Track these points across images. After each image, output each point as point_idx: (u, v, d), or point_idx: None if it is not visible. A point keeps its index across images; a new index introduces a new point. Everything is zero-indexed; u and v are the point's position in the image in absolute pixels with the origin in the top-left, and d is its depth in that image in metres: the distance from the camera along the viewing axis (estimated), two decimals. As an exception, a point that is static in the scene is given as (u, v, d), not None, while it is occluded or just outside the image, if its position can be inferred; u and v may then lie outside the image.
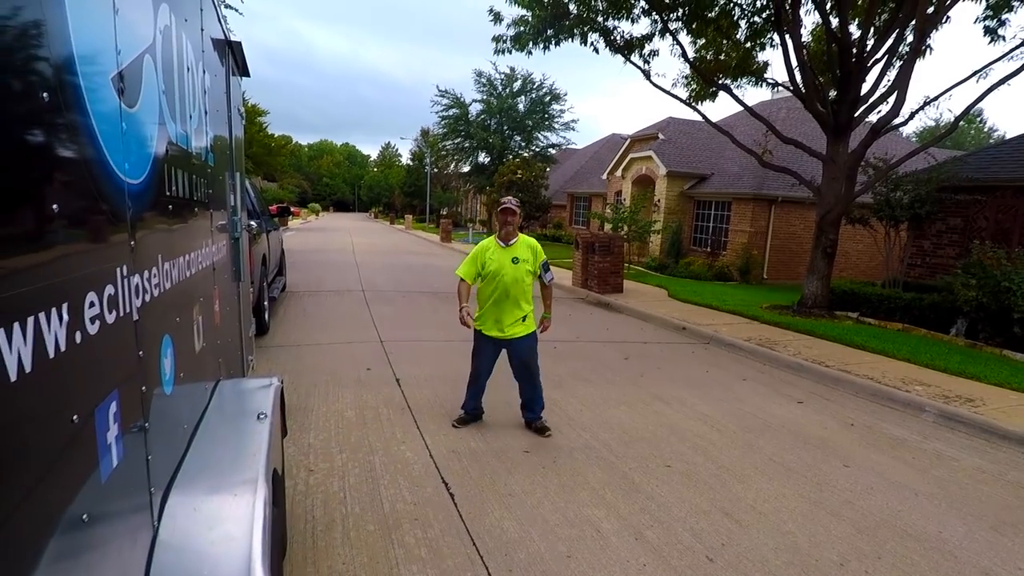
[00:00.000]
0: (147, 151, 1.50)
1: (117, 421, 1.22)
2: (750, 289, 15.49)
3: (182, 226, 1.94)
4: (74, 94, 1.03)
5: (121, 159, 1.25)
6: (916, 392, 6.33)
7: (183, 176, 1.95)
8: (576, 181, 32.77)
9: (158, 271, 1.60)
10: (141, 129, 1.43)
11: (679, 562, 3.13)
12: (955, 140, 43.02)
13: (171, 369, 1.72)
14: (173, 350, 1.74)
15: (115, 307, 1.21)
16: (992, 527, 3.72)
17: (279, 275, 10.80)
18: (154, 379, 1.55)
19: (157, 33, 1.58)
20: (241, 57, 3.44)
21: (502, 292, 4.63)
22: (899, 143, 20.16)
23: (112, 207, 1.22)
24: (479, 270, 4.67)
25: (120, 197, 1.26)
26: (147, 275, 1.48)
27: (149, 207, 1.55)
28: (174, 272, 1.78)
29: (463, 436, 4.67)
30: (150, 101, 1.51)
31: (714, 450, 4.70)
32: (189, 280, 2.01)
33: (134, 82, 1.37)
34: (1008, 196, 11.36)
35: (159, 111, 1.60)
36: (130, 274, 1.32)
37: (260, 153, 33.59)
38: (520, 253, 4.65)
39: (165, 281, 1.67)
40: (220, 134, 2.87)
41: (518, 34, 12.08)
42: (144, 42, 1.47)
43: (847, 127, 10.93)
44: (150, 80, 1.51)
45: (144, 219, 1.49)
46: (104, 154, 1.16)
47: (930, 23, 9.96)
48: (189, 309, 2.03)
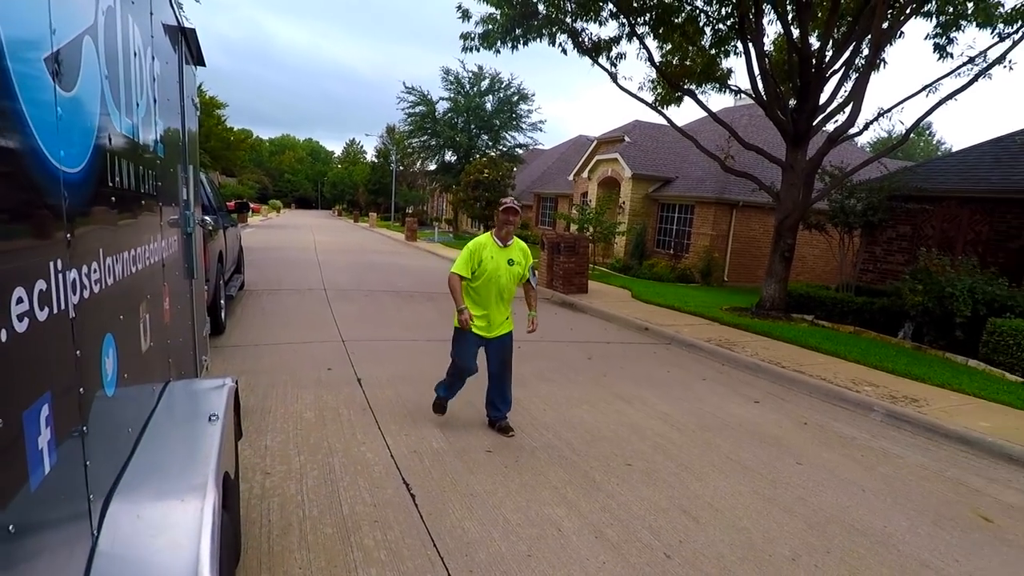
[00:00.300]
0: (87, 139, 1.42)
1: (50, 425, 1.15)
2: (711, 291, 15.79)
3: (127, 219, 1.86)
4: (0, 75, 0.96)
5: (55, 147, 1.18)
6: (866, 392, 6.54)
7: (129, 167, 1.86)
8: (543, 182, 32.87)
9: (99, 266, 1.52)
10: (79, 115, 1.36)
11: (638, 559, 3.15)
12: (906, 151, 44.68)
13: (114, 370, 1.63)
14: (116, 350, 1.66)
15: (48, 304, 1.14)
16: (932, 521, 3.86)
17: (237, 273, 10.52)
18: (94, 380, 1.47)
19: (99, 14, 1.50)
20: (195, 45, 3.32)
21: (496, 293, 4.57)
22: (854, 152, 20.86)
23: (44, 197, 1.15)
24: (475, 267, 4.54)
25: (54, 187, 1.19)
26: (86, 270, 1.40)
27: (89, 198, 1.47)
28: (118, 267, 1.70)
29: (425, 436, 4.62)
30: (90, 86, 1.43)
31: (674, 449, 4.76)
32: (135, 276, 1.93)
33: (71, 65, 1.29)
34: (952, 206, 11.86)
35: (101, 97, 1.52)
36: (66, 269, 1.25)
37: (218, 147, 32.63)
38: (515, 256, 4.62)
39: (107, 277, 1.59)
40: (172, 125, 2.76)
41: (486, 32, 12.04)
42: (83, 23, 1.39)
43: (806, 135, 11.24)
44: (90, 64, 1.43)
45: (83, 211, 1.41)
46: (35, 140, 1.09)
47: (884, 37, 10.32)
48: (135, 307, 1.94)
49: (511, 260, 4.59)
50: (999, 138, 12.94)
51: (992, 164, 12.12)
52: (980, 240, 11.43)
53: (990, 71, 10.22)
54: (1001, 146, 12.53)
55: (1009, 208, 10.99)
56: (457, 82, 33.64)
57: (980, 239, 11.43)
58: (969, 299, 8.86)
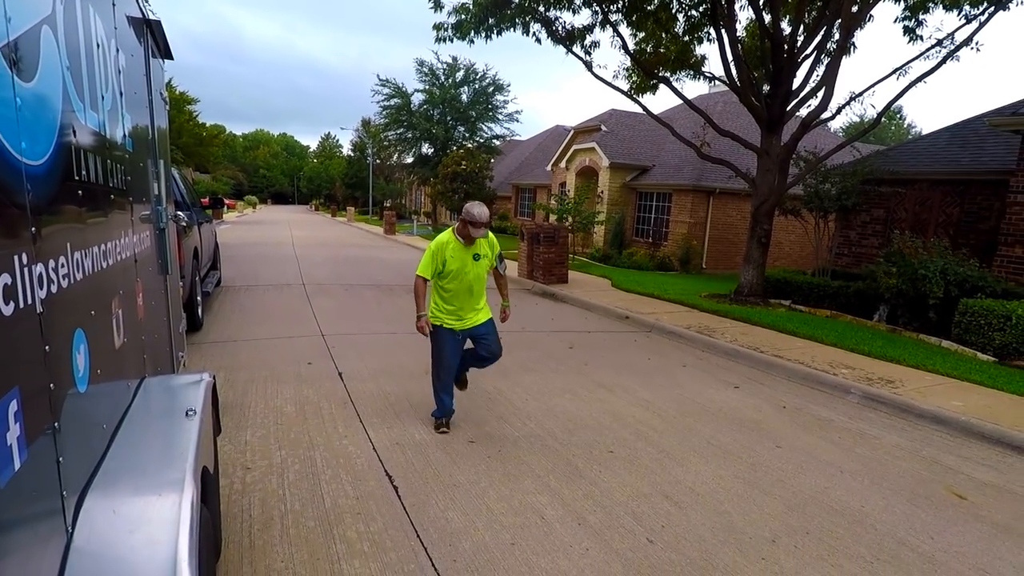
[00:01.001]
0: (50, 131, 1.39)
1: (19, 421, 1.13)
2: (690, 278, 15.94)
3: (96, 214, 1.82)
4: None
5: (16, 138, 1.15)
6: (842, 375, 6.67)
7: (96, 160, 1.83)
8: (521, 172, 32.84)
9: (67, 261, 1.49)
10: (41, 107, 1.33)
11: (621, 545, 3.19)
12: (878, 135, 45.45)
13: (86, 365, 1.61)
14: (87, 345, 1.63)
15: (13, 298, 1.12)
16: (908, 500, 3.96)
17: (213, 269, 10.38)
18: (65, 376, 1.45)
19: (57, 4, 1.46)
20: (162, 37, 3.26)
21: (466, 289, 4.48)
22: (828, 138, 21.14)
23: (4, 189, 1.12)
24: (439, 267, 4.42)
25: (16, 178, 1.16)
26: (53, 265, 1.38)
27: (55, 192, 1.44)
28: (87, 262, 1.67)
29: (407, 428, 4.62)
30: (51, 77, 1.40)
31: (655, 435, 4.81)
32: (105, 272, 1.89)
33: (30, 54, 1.26)
34: (924, 189, 12.09)
35: (63, 89, 1.48)
36: (32, 263, 1.22)
37: (191, 143, 32.00)
38: (481, 250, 4.51)
39: (76, 272, 1.56)
40: (140, 119, 2.71)
41: (459, 22, 11.95)
42: (41, 12, 1.35)
43: (780, 120, 11.35)
44: (50, 53, 1.40)
45: (49, 204, 1.38)
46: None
47: (855, 21, 10.45)
48: (106, 302, 1.91)
49: (476, 255, 4.47)
50: (968, 120, 13.19)
51: (962, 146, 12.36)
52: (951, 222, 11.67)
53: (958, 53, 10.40)
54: (970, 128, 12.77)
55: (979, 190, 11.23)
56: (432, 74, 33.42)
57: (951, 221, 11.68)
58: (941, 280, 9.04)
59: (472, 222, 4.30)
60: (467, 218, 4.33)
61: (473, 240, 4.43)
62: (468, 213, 4.32)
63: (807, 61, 11.35)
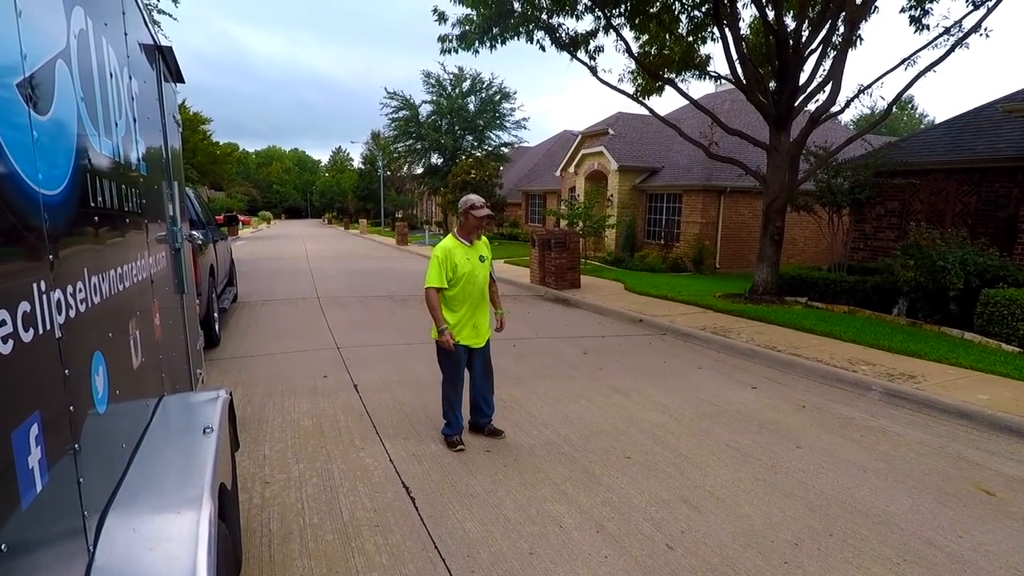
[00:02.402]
0: (65, 161, 1.43)
1: (40, 444, 1.16)
2: (704, 279, 15.84)
3: (112, 238, 1.86)
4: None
5: (32, 169, 1.19)
6: (863, 372, 6.59)
7: (111, 186, 1.87)
8: (530, 179, 32.90)
9: (85, 285, 1.53)
10: (56, 138, 1.36)
11: (640, 551, 3.17)
12: (889, 126, 44.94)
13: (104, 387, 1.64)
14: (106, 367, 1.66)
15: (32, 325, 1.15)
16: (935, 498, 3.89)
17: (229, 285, 10.51)
18: (84, 398, 1.48)
19: (71, 37, 1.51)
20: (173, 62, 3.32)
21: (479, 294, 4.40)
22: (838, 131, 20.95)
23: (24, 220, 1.15)
24: (450, 275, 4.29)
25: (34, 209, 1.20)
26: (71, 290, 1.41)
27: (71, 219, 1.47)
28: (104, 286, 1.71)
29: (424, 440, 4.63)
30: (66, 108, 1.44)
31: (672, 439, 4.78)
32: (122, 294, 1.93)
33: (45, 89, 1.30)
34: (940, 179, 11.93)
35: (78, 119, 1.53)
36: (50, 289, 1.26)
37: (205, 162, 32.53)
38: (483, 251, 4.46)
39: (93, 296, 1.59)
40: (153, 142, 2.76)
41: (464, 33, 12.05)
42: (55, 47, 1.39)
43: (788, 117, 11.28)
44: (65, 86, 1.44)
45: (66, 232, 1.42)
46: (12, 164, 1.10)
47: (859, 14, 10.37)
48: (124, 324, 1.95)
49: (481, 256, 4.43)
50: (981, 107, 13.01)
51: (976, 134, 12.18)
52: (969, 211, 11.50)
53: (967, 40, 10.26)
54: (984, 115, 12.59)
55: (996, 177, 11.05)
56: (439, 84, 33.65)
57: (969, 210, 11.50)
58: (961, 271, 8.90)
59: (473, 206, 4.28)
60: (466, 207, 4.31)
61: (478, 236, 4.42)
62: (466, 201, 4.31)
63: (813, 56, 11.28)
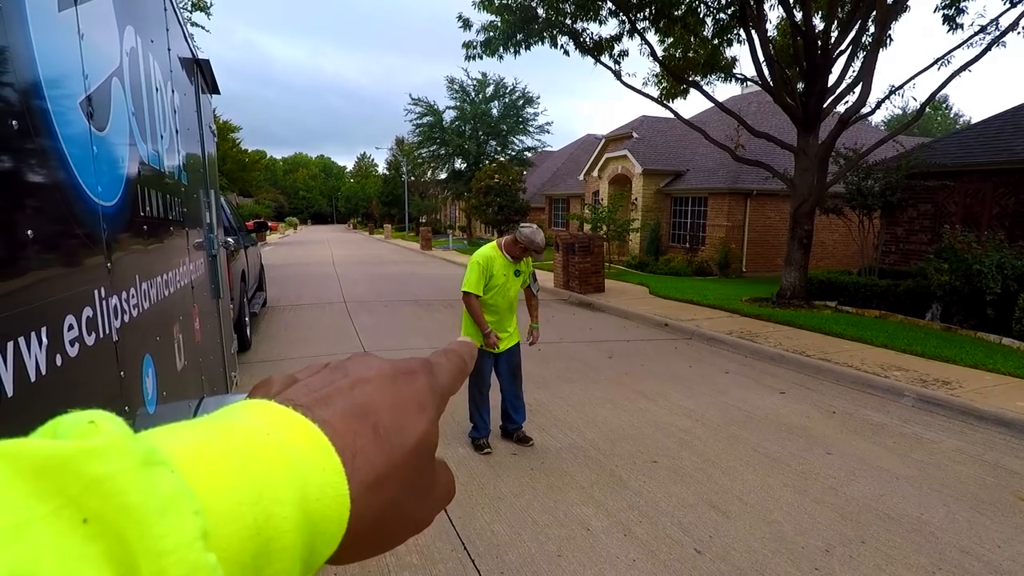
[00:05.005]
0: (119, 173, 1.50)
1: (101, 443, 1.22)
2: (730, 283, 15.67)
3: (158, 246, 1.94)
4: (43, 120, 1.04)
5: (93, 182, 1.26)
6: (895, 377, 6.47)
7: (157, 196, 1.95)
8: (553, 183, 32.89)
9: (136, 291, 1.60)
10: (112, 151, 1.44)
11: (668, 556, 3.17)
12: (922, 127, 43.97)
13: (153, 388, 1.72)
14: (154, 369, 1.74)
15: (94, 329, 1.22)
16: (971, 507, 3.81)
17: (259, 290, 10.72)
18: (137, 399, 1.55)
19: (124, 55, 1.59)
20: (210, 75, 3.43)
21: (507, 306, 4.54)
22: (868, 132, 20.56)
23: (87, 230, 1.23)
24: (486, 283, 4.41)
25: (94, 219, 1.27)
26: (125, 296, 1.48)
27: (124, 228, 1.55)
28: (152, 292, 1.79)
29: (451, 443, 4.68)
30: (120, 123, 1.52)
31: (699, 444, 4.76)
32: (168, 299, 2.01)
33: (103, 105, 1.37)
34: (975, 180, 11.64)
35: (129, 132, 1.60)
36: (108, 295, 1.33)
37: (234, 169, 33.28)
38: (521, 267, 4.58)
39: (144, 301, 1.67)
40: (192, 152, 2.86)
41: (488, 39, 12.15)
42: (111, 65, 1.47)
43: (816, 118, 11.13)
44: (119, 102, 1.52)
45: (120, 240, 1.49)
46: (76, 178, 1.17)
47: (890, 14, 10.21)
48: (169, 328, 2.03)
49: (517, 271, 4.55)
50: (1020, 106, 12.66)
51: (1014, 133, 11.82)
52: (1007, 213, 11.19)
53: (1004, 39, 10.03)
54: (1023, 115, 12.26)
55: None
56: (462, 90, 33.89)
57: (1007, 212, 11.19)
58: (998, 275, 8.68)
59: (530, 248, 4.35)
60: (526, 244, 4.34)
61: (520, 260, 4.50)
62: (530, 240, 4.32)
63: (842, 57, 11.11)
